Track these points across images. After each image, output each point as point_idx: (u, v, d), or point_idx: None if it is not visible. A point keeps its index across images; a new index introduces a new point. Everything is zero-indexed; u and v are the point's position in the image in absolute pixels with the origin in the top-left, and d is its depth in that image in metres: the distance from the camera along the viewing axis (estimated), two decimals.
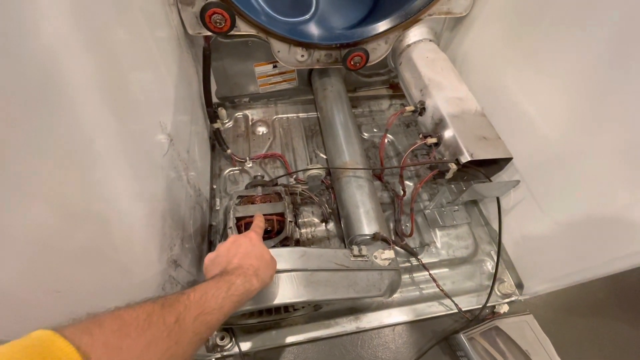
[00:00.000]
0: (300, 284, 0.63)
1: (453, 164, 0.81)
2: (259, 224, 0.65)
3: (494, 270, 0.92)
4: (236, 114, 1.22)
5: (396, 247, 0.80)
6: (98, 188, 0.42)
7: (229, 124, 1.20)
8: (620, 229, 0.65)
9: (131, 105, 0.52)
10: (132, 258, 0.50)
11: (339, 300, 0.67)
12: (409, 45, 1.04)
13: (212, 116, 1.05)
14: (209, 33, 0.89)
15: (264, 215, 0.75)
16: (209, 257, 0.54)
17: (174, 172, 0.70)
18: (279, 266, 0.62)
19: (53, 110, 0.35)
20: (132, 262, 0.50)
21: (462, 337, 0.81)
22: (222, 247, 0.55)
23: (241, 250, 0.53)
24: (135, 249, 0.50)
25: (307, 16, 0.94)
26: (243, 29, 0.91)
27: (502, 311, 0.89)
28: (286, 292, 0.62)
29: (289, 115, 1.24)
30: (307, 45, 0.98)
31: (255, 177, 0.90)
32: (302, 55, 1.01)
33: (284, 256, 0.65)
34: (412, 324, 0.87)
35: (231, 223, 0.74)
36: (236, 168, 1.08)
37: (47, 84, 0.34)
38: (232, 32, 0.90)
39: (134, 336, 0.30)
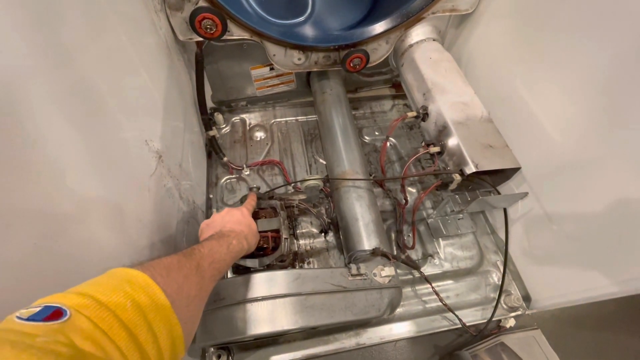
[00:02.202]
0: (295, 309, 0.60)
1: (457, 175, 0.77)
2: (251, 202, 0.74)
3: (500, 282, 0.89)
4: (233, 119, 1.18)
5: (397, 261, 0.77)
6: (68, 225, 0.40)
7: (226, 129, 1.16)
8: (637, 246, 0.61)
9: (107, 131, 0.49)
10: None
11: (336, 324, 0.64)
12: (411, 45, 0.98)
13: (207, 123, 1.01)
14: (201, 39, 0.85)
15: (259, 232, 0.73)
16: (205, 222, 0.64)
17: (164, 190, 0.68)
18: (273, 291, 0.60)
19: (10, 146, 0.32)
20: None
21: (466, 354, 0.78)
22: (217, 215, 0.64)
23: (234, 219, 0.63)
24: None
25: (302, 18, 0.90)
26: (236, 32, 0.87)
27: (508, 325, 0.85)
28: (281, 319, 0.59)
29: (287, 118, 1.20)
30: (304, 47, 0.94)
31: (251, 188, 0.86)
32: (299, 58, 0.96)
33: (278, 280, 0.62)
34: (414, 339, 0.84)
35: None
36: (233, 176, 1.05)
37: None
38: (224, 37, 0.86)
39: (175, 271, 0.39)
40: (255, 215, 0.78)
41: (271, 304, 0.60)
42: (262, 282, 0.62)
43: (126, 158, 0.54)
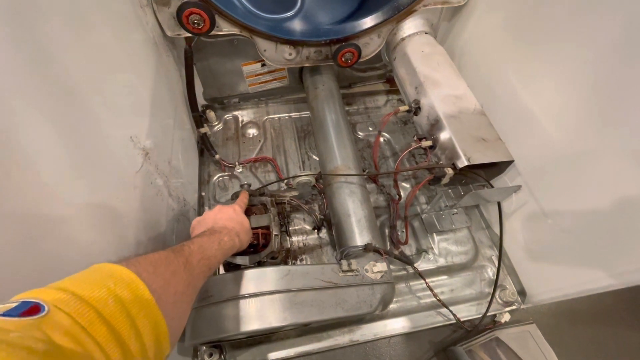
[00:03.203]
0: (284, 306, 0.59)
1: (449, 169, 0.76)
2: (243, 199, 0.74)
3: (495, 277, 0.88)
4: (225, 116, 1.17)
5: (390, 257, 0.76)
6: (49, 225, 0.39)
7: (219, 127, 1.15)
8: (633, 239, 0.60)
9: (88, 128, 0.48)
10: None
11: (326, 321, 0.64)
12: (403, 39, 0.97)
13: (199, 121, 1.00)
14: (189, 34, 0.84)
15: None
16: (196, 219, 0.63)
17: (151, 188, 0.67)
18: (262, 288, 0.59)
19: None
20: None
21: (461, 349, 0.78)
22: (209, 212, 0.64)
23: (226, 215, 0.62)
24: None
25: (292, 12, 0.88)
26: (225, 28, 0.85)
27: (503, 320, 0.85)
28: (269, 315, 0.58)
29: (280, 115, 1.19)
30: (295, 42, 0.93)
31: (242, 185, 0.86)
32: (290, 54, 0.95)
33: (267, 277, 0.62)
34: (408, 335, 0.83)
35: None
36: (225, 174, 1.05)
37: None
38: (213, 32, 0.85)
39: (163, 267, 0.38)
40: (246, 213, 0.77)
41: (260, 300, 0.59)
42: (251, 279, 0.61)
43: (109, 155, 0.53)
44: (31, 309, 0.24)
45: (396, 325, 0.83)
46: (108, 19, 0.59)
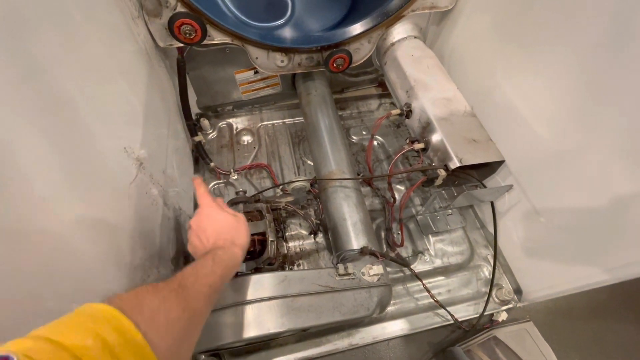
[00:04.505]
0: (281, 312, 0.60)
1: (442, 170, 0.77)
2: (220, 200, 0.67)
3: (491, 276, 0.89)
4: (220, 124, 1.18)
5: (386, 259, 0.77)
6: (41, 238, 0.39)
7: (213, 134, 1.16)
8: (624, 234, 0.61)
9: (80, 139, 0.49)
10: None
11: (324, 325, 0.64)
12: (393, 44, 0.99)
13: (192, 130, 1.01)
14: (181, 44, 0.85)
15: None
16: (195, 234, 0.59)
17: (146, 198, 0.67)
18: (259, 294, 0.59)
19: None
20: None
21: (460, 350, 0.78)
22: (193, 239, 0.59)
23: (208, 232, 0.58)
24: (98, 291, 0.47)
25: (282, 20, 0.90)
26: (216, 37, 0.86)
27: (500, 319, 0.85)
28: (267, 322, 0.59)
29: (274, 121, 1.20)
30: (286, 49, 0.94)
31: (237, 193, 0.86)
32: (282, 61, 0.96)
33: (263, 283, 0.62)
34: (407, 337, 0.83)
35: None
36: (221, 181, 1.05)
37: None
38: (205, 42, 0.86)
39: (150, 296, 0.38)
40: None
41: (257, 307, 0.59)
42: (248, 286, 0.61)
43: (102, 166, 0.53)
44: None
45: (395, 328, 0.83)
46: (99, 31, 0.59)
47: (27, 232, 0.37)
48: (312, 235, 0.94)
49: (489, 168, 0.83)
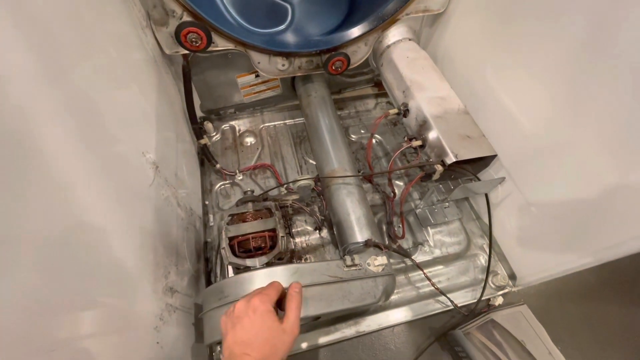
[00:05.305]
0: None
1: (439, 166, 0.82)
2: (270, 292, 0.51)
3: (487, 264, 0.94)
4: (223, 126, 1.21)
5: (389, 251, 0.82)
6: (82, 235, 0.43)
7: (217, 137, 1.20)
8: (607, 219, 0.66)
9: (106, 144, 0.52)
10: (125, 297, 0.51)
11: (334, 313, 0.68)
12: (388, 46, 1.03)
13: (198, 133, 1.05)
14: (187, 51, 0.89)
15: (256, 232, 0.76)
16: (231, 337, 0.46)
17: (163, 200, 0.71)
18: None
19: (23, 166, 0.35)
20: (124, 302, 0.50)
21: (460, 333, 0.83)
22: (225, 323, 0.48)
23: (238, 334, 0.45)
24: (127, 288, 0.51)
25: (283, 26, 0.94)
26: (220, 44, 0.90)
27: (497, 303, 0.91)
28: None
29: (275, 123, 1.24)
30: (287, 54, 0.98)
31: (245, 192, 0.90)
32: (283, 65, 1.00)
33: (277, 275, 0.66)
34: (410, 323, 0.89)
35: (224, 243, 0.74)
36: (227, 182, 1.09)
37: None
38: (210, 48, 0.89)
39: None
40: (252, 217, 0.82)
41: None
42: (263, 278, 0.66)
43: (126, 170, 0.57)
44: None
45: (398, 315, 0.88)
46: (111, 39, 0.62)
47: (73, 231, 0.41)
48: (318, 231, 0.99)
49: (482, 162, 0.88)
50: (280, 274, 0.67)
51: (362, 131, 1.23)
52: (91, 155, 0.47)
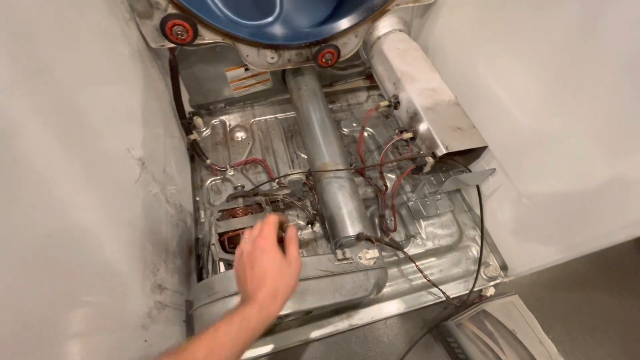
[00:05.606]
0: None
1: (430, 158, 0.82)
2: (270, 229, 0.55)
3: (479, 255, 0.95)
4: (213, 121, 1.20)
5: (381, 244, 0.81)
6: (67, 233, 0.42)
7: (207, 132, 1.18)
8: (596, 209, 0.66)
9: (90, 141, 0.51)
10: (110, 296, 0.50)
11: (326, 307, 0.68)
12: (379, 37, 1.02)
13: (187, 128, 1.03)
14: (173, 45, 0.87)
15: (246, 228, 0.76)
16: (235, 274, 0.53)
17: (150, 196, 0.70)
18: None
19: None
20: (109, 300, 0.50)
21: (452, 324, 0.84)
22: (237, 264, 0.53)
23: (256, 271, 0.49)
24: (113, 287, 0.50)
25: (271, 18, 0.92)
26: (207, 37, 0.88)
27: (488, 294, 0.92)
28: None
29: (266, 117, 1.23)
30: (276, 46, 0.96)
31: (235, 187, 0.89)
32: (272, 57, 0.98)
33: None
34: (403, 315, 0.89)
35: (214, 239, 0.74)
36: (218, 177, 1.08)
37: None
38: (196, 41, 0.87)
39: None
40: (242, 213, 0.81)
41: None
42: None
43: (111, 167, 0.56)
44: None
45: (391, 308, 0.89)
46: (94, 33, 0.61)
47: (56, 230, 0.40)
48: (310, 225, 0.98)
49: (473, 154, 0.87)
50: None
51: (354, 124, 1.22)
52: (73, 152, 0.46)
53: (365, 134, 1.19)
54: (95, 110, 0.54)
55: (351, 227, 0.83)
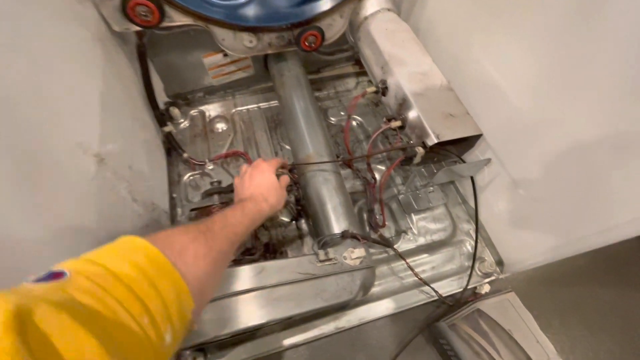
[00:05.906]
0: (260, 304, 0.58)
1: (420, 148, 0.75)
2: (275, 162, 0.72)
3: (473, 250, 0.89)
4: (191, 112, 1.12)
5: (368, 241, 0.76)
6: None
7: (185, 124, 1.11)
8: (597, 204, 0.61)
9: (27, 137, 0.44)
10: None
11: (306, 313, 0.63)
12: (366, 18, 0.94)
13: (161, 119, 0.96)
14: (138, 28, 0.79)
15: None
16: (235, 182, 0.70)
17: (111, 195, 0.63)
18: (235, 288, 0.57)
19: None
20: None
21: (444, 324, 0.79)
22: (238, 181, 0.69)
23: (253, 182, 0.65)
24: None
25: None
26: (177, 18, 0.80)
27: (483, 292, 0.87)
28: (247, 315, 0.57)
29: (249, 106, 1.15)
30: (254, 29, 0.88)
31: (211, 183, 0.83)
32: (251, 41, 0.91)
33: (239, 276, 0.60)
34: (393, 316, 0.84)
35: None
36: (196, 172, 1.01)
37: None
38: (165, 24, 0.79)
39: (180, 235, 0.41)
40: (218, 211, 0.75)
41: (235, 301, 0.57)
42: (224, 280, 0.59)
43: (53, 164, 0.49)
44: (55, 275, 0.28)
45: (381, 308, 0.84)
46: (35, 16, 0.53)
47: None
48: (294, 222, 0.92)
49: (467, 143, 0.81)
50: (243, 274, 0.61)
51: (342, 113, 1.15)
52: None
53: (354, 122, 1.13)
54: (31, 101, 0.47)
55: (336, 223, 0.77)
